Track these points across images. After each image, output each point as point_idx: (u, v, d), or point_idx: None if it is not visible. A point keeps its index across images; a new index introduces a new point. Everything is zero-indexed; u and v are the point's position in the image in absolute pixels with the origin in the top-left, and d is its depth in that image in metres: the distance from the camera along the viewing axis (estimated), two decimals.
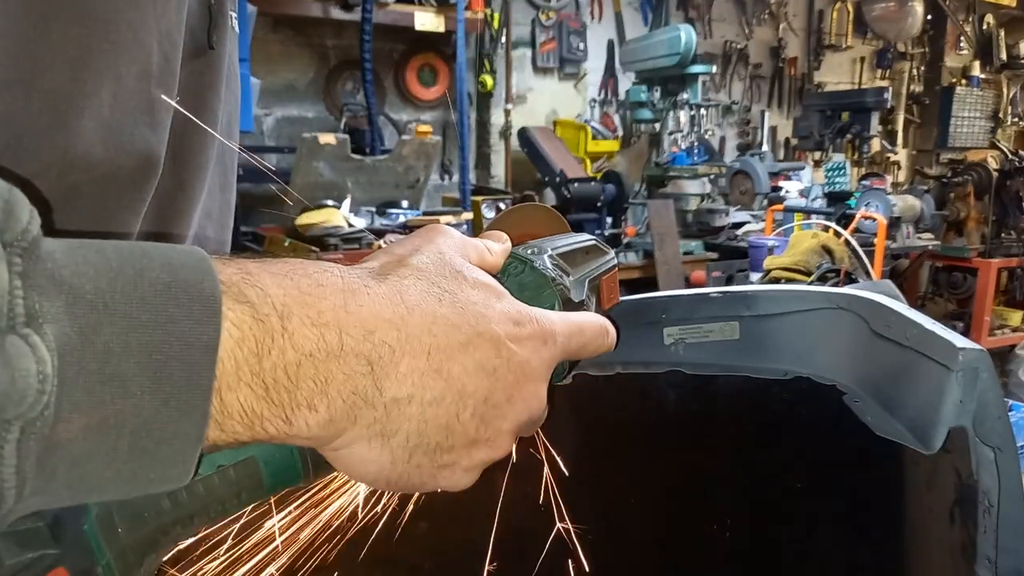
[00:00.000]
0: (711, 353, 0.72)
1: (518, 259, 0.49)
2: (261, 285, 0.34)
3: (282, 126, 4.04)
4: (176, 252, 0.32)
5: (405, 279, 0.40)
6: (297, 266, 0.37)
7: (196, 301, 0.31)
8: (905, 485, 0.65)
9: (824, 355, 0.70)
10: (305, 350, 0.34)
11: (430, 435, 0.39)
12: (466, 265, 0.44)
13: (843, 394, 0.67)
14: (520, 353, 0.42)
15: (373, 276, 0.39)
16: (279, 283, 0.35)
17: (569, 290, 0.49)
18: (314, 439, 0.36)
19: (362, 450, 0.38)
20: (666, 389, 0.73)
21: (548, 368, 0.44)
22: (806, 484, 0.73)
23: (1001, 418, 0.53)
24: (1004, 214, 4.63)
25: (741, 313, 0.72)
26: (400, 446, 0.38)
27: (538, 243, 0.52)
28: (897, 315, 0.62)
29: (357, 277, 0.38)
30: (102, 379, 0.28)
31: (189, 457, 0.32)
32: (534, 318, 0.43)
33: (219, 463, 0.37)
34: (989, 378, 0.53)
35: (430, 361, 0.38)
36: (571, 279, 0.50)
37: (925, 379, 0.58)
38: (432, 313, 0.39)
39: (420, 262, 0.42)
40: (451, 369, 0.39)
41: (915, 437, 0.60)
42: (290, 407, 0.34)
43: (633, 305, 0.71)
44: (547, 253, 0.50)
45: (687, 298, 0.73)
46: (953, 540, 0.56)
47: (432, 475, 0.40)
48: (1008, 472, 0.52)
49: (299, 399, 0.34)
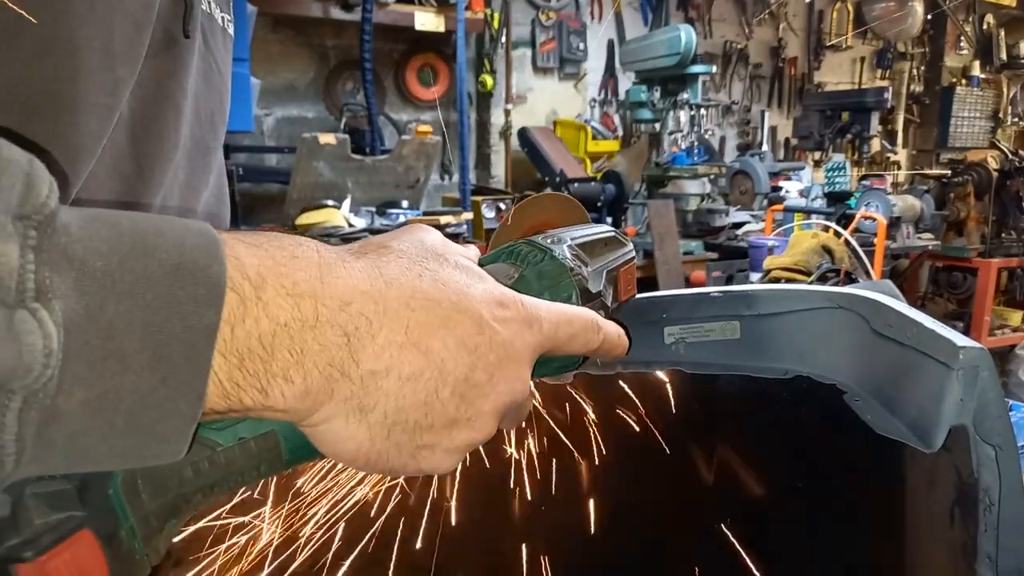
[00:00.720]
0: (712, 352, 0.72)
1: (537, 247, 0.49)
2: (235, 254, 0.33)
3: (282, 126, 4.04)
4: (190, 233, 0.32)
5: (384, 256, 0.40)
6: (272, 238, 0.36)
7: (202, 285, 0.31)
8: (905, 484, 0.65)
9: (824, 354, 0.70)
10: (280, 320, 0.34)
11: (409, 412, 0.38)
12: (448, 249, 0.43)
13: (843, 393, 0.67)
14: (503, 333, 0.41)
15: (351, 252, 0.39)
16: (254, 252, 0.34)
17: (587, 280, 0.49)
18: (291, 411, 0.35)
19: (340, 425, 0.37)
20: (667, 388, 0.73)
21: (532, 353, 0.43)
22: (806, 483, 0.73)
23: (1001, 416, 0.53)
24: (1004, 214, 4.63)
25: (741, 312, 0.72)
26: (378, 422, 0.38)
27: (557, 232, 0.52)
28: (897, 314, 0.62)
29: (334, 252, 0.38)
30: (104, 355, 0.29)
31: (183, 435, 0.32)
32: (518, 301, 0.43)
33: (240, 435, 0.37)
34: (989, 377, 0.53)
35: (408, 335, 0.37)
36: (589, 269, 0.50)
37: (926, 378, 0.58)
38: (412, 287, 0.38)
39: (401, 244, 0.41)
40: (430, 344, 0.38)
41: (916, 436, 0.60)
42: (265, 378, 0.34)
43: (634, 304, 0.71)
44: (566, 243, 0.50)
45: (688, 297, 0.73)
46: (954, 539, 0.56)
47: (412, 455, 0.40)
48: (1009, 470, 0.52)
49: (274, 369, 0.34)
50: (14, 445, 0.27)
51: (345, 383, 0.36)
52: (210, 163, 0.62)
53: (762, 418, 0.72)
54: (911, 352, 0.60)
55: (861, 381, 0.67)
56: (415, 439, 0.39)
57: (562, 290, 0.48)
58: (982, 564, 0.53)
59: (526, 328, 0.42)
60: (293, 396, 0.35)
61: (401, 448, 0.39)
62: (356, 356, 0.36)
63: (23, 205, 0.27)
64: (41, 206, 0.28)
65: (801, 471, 0.73)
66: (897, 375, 0.62)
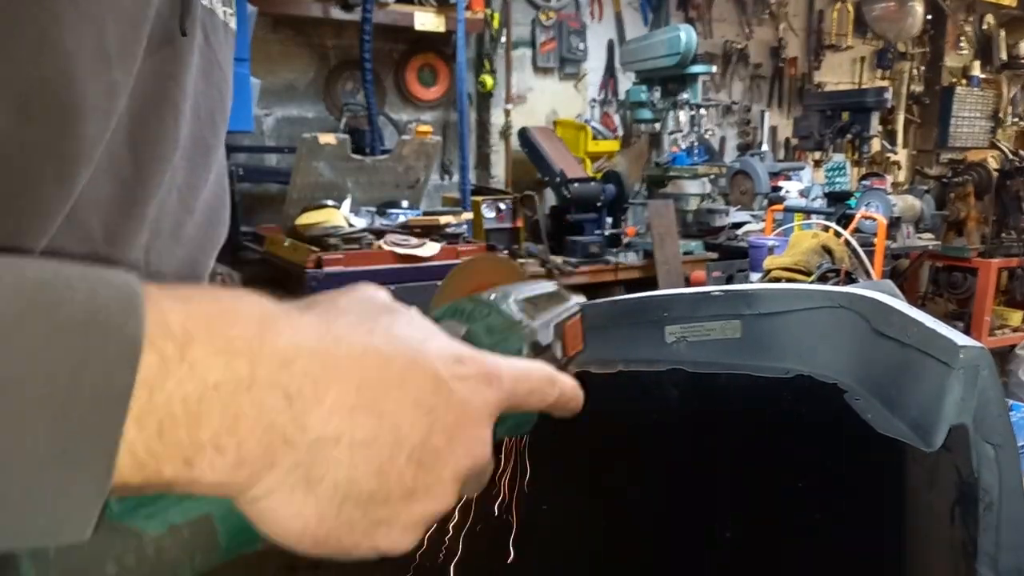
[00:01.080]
0: (713, 351, 0.73)
1: (482, 303, 0.48)
2: (159, 308, 0.30)
3: (282, 126, 4.04)
4: (105, 285, 0.29)
5: (332, 311, 0.36)
6: (207, 291, 0.33)
7: (114, 343, 0.28)
8: (906, 483, 0.65)
9: (825, 353, 0.70)
10: (209, 381, 0.30)
11: (362, 482, 0.34)
12: (400, 306, 0.40)
13: (844, 392, 0.67)
14: (461, 391, 0.37)
15: (297, 308, 0.36)
16: (181, 307, 0.31)
17: (537, 332, 0.48)
18: (223, 486, 0.32)
19: (283, 501, 0.33)
20: (668, 387, 0.73)
21: (492, 413, 0.40)
22: (806, 483, 0.73)
23: (1001, 415, 0.53)
24: (1004, 214, 4.64)
25: (742, 312, 0.72)
26: (327, 496, 0.33)
27: (501, 289, 0.51)
28: (898, 313, 0.62)
29: (278, 307, 0.34)
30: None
31: (87, 512, 0.28)
32: (476, 357, 0.39)
33: (171, 521, 0.33)
34: (990, 376, 0.54)
35: (360, 396, 0.34)
36: (538, 322, 0.49)
37: (926, 377, 0.58)
38: (363, 344, 0.35)
39: (350, 299, 0.38)
40: (384, 406, 0.34)
41: (916, 435, 0.60)
42: (191, 447, 0.30)
43: (636, 304, 0.72)
44: (511, 297, 0.49)
45: (689, 297, 0.73)
46: (954, 538, 0.57)
47: (367, 533, 0.36)
48: (1009, 469, 0.52)
49: (201, 438, 0.30)
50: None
51: (288, 451, 0.32)
52: (210, 162, 0.61)
53: (763, 417, 0.72)
54: (912, 351, 0.60)
55: (862, 380, 0.67)
56: (369, 514, 0.35)
57: (512, 343, 0.46)
58: (982, 563, 0.53)
59: (485, 385, 0.39)
60: (225, 467, 0.31)
61: (354, 525, 0.35)
62: (300, 420, 0.32)
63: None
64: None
65: (801, 470, 0.73)
66: (898, 374, 0.62)
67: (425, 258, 3.00)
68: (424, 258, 3.00)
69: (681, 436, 0.74)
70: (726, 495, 0.75)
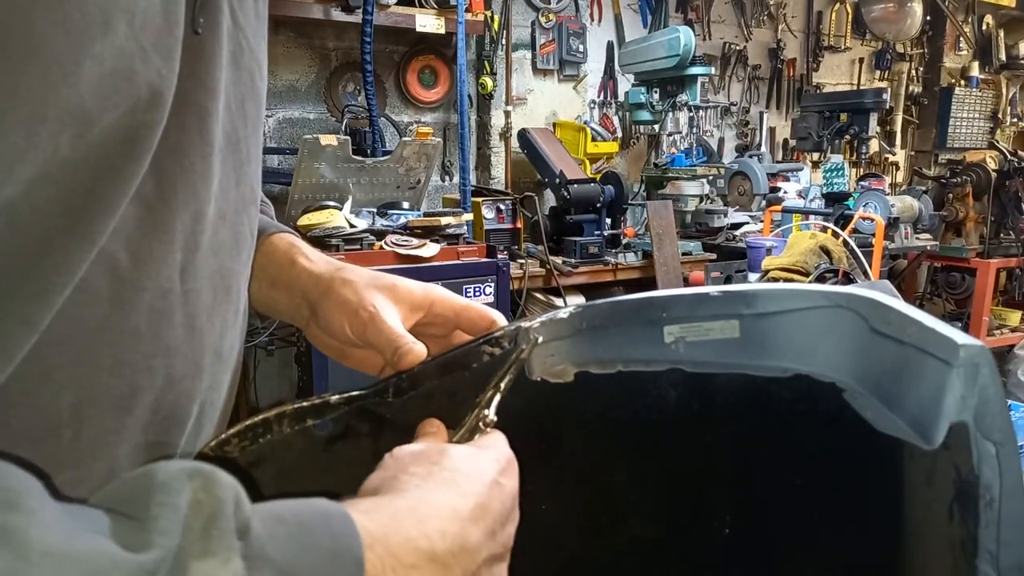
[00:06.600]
0: (711, 351, 0.73)
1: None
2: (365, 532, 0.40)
3: (284, 127, 4.05)
4: (333, 519, 0.39)
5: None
6: (397, 513, 0.43)
7: (349, 563, 0.38)
8: (905, 482, 0.65)
9: (824, 353, 0.70)
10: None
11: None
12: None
13: (843, 391, 0.67)
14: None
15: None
16: (376, 526, 0.41)
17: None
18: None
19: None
20: (667, 387, 0.73)
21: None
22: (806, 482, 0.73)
23: (1002, 413, 0.53)
24: (1003, 214, 4.63)
25: (741, 311, 0.72)
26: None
27: None
28: (897, 313, 0.63)
29: (450, 537, 0.45)
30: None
31: None
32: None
33: None
34: (990, 373, 0.54)
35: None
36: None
37: (926, 375, 0.58)
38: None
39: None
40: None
41: (916, 433, 0.60)
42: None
43: (634, 304, 0.72)
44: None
45: (687, 297, 0.73)
46: (953, 536, 0.57)
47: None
48: (1009, 466, 0.52)
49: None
50: None
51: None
52: (241, 156, 0.57)
53: (761, 416, 0.72)
54: (911, 350, 0.60)
55: (860, 379, 0.67)
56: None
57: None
58: (983, 560, 0.53)
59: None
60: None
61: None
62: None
63: (238, 520, 0.33)
64: (246, 520, 0.34)
65: (800, 469, 0.73)
66: (897, 373, 0.62)
67: (426, 259, 3.01)
68: (425, 259, 3.01)
69: (680, 436, 0.74)
70: (725, 494, 0.76)
